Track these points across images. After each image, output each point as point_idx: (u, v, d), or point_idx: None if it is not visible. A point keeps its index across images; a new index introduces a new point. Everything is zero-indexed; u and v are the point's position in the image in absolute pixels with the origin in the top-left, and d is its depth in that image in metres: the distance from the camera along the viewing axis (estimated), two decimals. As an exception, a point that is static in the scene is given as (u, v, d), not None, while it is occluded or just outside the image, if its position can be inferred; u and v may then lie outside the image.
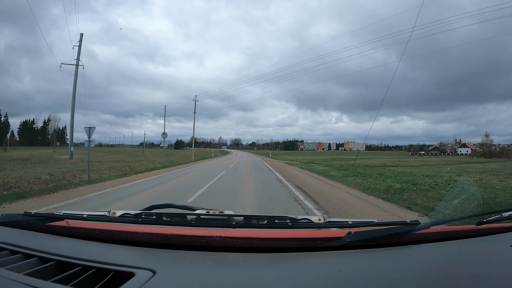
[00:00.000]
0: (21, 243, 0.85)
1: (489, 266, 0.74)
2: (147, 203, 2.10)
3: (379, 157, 56.86)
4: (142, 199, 6.54)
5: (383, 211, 5.53)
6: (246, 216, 1.00)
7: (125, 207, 5.53)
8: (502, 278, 0.67)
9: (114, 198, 6.75)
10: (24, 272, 0.68)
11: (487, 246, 0.91)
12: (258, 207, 5.70)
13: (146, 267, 0.71)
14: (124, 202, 6.35)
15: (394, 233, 0.89)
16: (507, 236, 0.97)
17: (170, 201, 1.43)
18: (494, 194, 7.14)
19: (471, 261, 0.80)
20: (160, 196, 7.18)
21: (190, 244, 0.88)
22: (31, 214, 1.03)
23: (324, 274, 0.72)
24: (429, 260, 0.82)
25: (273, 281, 0.68)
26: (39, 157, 26.63)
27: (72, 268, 0.72)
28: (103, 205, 5.96)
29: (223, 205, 5.81)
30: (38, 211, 1.05)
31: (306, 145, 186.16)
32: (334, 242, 0.87)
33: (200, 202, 6.07)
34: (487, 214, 1.07)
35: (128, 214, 1.04)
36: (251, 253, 0.86)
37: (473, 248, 0.90)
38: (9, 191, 7.58)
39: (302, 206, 6.02)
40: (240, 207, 5.68)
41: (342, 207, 5.86)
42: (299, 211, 5.54)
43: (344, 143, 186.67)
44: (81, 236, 0.96)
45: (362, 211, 5.59)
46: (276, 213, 4.03)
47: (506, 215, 1.03)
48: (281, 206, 5.86)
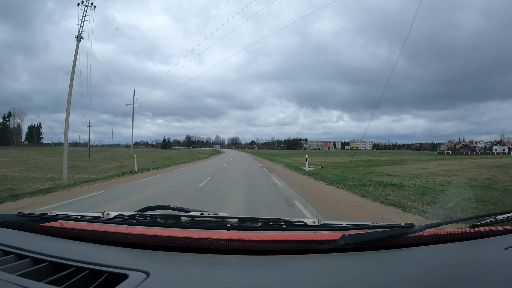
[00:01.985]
0: (14, 243, 0.84)
1: (483, 269, 0.74)
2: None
3: (409, 159, 41.88)
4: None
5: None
6: (240, 218, 0.98)
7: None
8: (496, 280, 0.67)
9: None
10: (17, 273, 0.68)
11: (481, 249, 0.91)
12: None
13: (139, 268, 0.71)
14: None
15: (388, 236, 0.89)
16: (501, 239, 0.96)
17: None
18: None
19: (465, 264, 0.80)
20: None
21: (184, 246, 0.87)
22: (24, 214, 1.02)
23: (318, 276, 0.72)
24: (423, 262, 0.82)
25: (268, 283, 0.68)
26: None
27: (65, 269, 0.72)
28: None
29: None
30: (32, 212, 1.05)
31: (311, 144, 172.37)
32: (328, 244, 0.87)
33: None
34: (481, 217, 1.07)
35: (122, 215, 1.02)
36: (246, 255, 0.85)
37: (467, 251, 0.90)
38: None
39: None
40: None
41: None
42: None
43: (350, 142, 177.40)
44: (75, 237, 0.95)
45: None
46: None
47: (500, 218, 1.02)
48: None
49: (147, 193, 8.05)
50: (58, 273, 0.70)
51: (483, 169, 19.21)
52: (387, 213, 5.27)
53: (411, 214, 5.09)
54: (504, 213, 1.02)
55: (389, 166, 23.89)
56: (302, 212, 5.46)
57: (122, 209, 1.34)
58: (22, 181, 12.00)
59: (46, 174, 15.63)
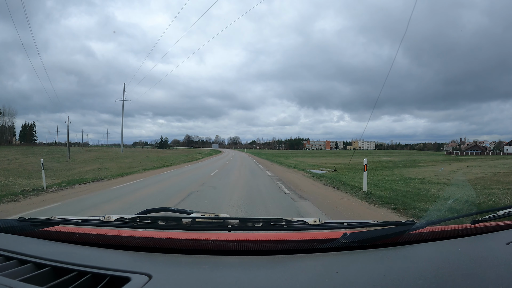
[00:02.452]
0: (16, 248, 0.84)
1: (485, 265, 0.74)
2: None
3: (421, 159, 38.10)
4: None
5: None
6: (241, 218, 0.98)
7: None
8: (498, 276, 0.67)
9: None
10: (19, 278, 0.68)
11: (483, 245, 0.91)
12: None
13: (142, 271, 0.71)
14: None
15: (389, 234, 0.89)
16: (502, 234, 0.96)
17: None
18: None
19: (467, 260, 0.80)
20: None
21: (186, 247, 0.87)
22: (25, 219, 1.02)
23: (320, 275, 0.72)
24: (425, 259, 0.82)
25: (270, 283, 0.68)
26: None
27: (67, 273, 0.72)
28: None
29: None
30: (33, 217, 1.04)
31: (312, 144, 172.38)
32: (330, 243, 0.87)
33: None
34: (482, 213, 1.07)
35: (123, 218, 1.02)
36: (247, 255, 0.85)
37: (468, 247, 0.90)
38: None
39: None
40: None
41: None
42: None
43: (352, 142, 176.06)
44: (76, 241, 0.95)
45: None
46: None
47: (501, 214, 1.02)
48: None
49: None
50: (60, 278, 0.70)
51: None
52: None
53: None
54: (505, 208, 1.03)
55: (412, 169, 20.26)
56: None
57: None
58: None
59: (7, 178, 12.17)
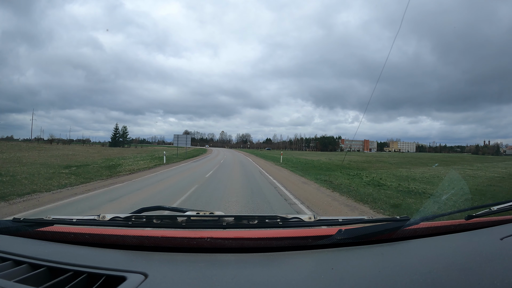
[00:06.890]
0: (11, 249, 0.83)
1: (480, 260, 0.75)
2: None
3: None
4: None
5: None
6: (236, 216, 0.98)
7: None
8: (492, 271, 0.68)
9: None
10: (15, 279, 0.68)
11: (477, 240, 0.92)
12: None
13: (137, 270, 0.71)
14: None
15: (384, 230, 0.90)
16: (496, 229, 0.97)
17: None
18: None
19: (461, 255, 0.80)
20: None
21: (181, 246, 0.87)
22: (20, 220, 1.01)
23: (316, 272, 0.73)
24: (420, 255, 0.83)
25: (265, 280, 0.68)
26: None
27: (63, 273, 0.71)
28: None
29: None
30: (27, 217, 1.04)
31: (347, 144, 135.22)
32: (325, 240, 0.87)
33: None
34: (476, 208, 1.07)
35: (118, 217, 1.02)
36: (243, 253, 0.86)
37: (463, 242, 0.91)
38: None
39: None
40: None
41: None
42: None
43: (390, 142, 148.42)
44: (71, 241, 0.94)
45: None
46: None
47: (495, 209, 1.03)
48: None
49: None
50: (56, 278, 0.69)
51: None
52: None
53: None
54: (499, 203, 1.04)
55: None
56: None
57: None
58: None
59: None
